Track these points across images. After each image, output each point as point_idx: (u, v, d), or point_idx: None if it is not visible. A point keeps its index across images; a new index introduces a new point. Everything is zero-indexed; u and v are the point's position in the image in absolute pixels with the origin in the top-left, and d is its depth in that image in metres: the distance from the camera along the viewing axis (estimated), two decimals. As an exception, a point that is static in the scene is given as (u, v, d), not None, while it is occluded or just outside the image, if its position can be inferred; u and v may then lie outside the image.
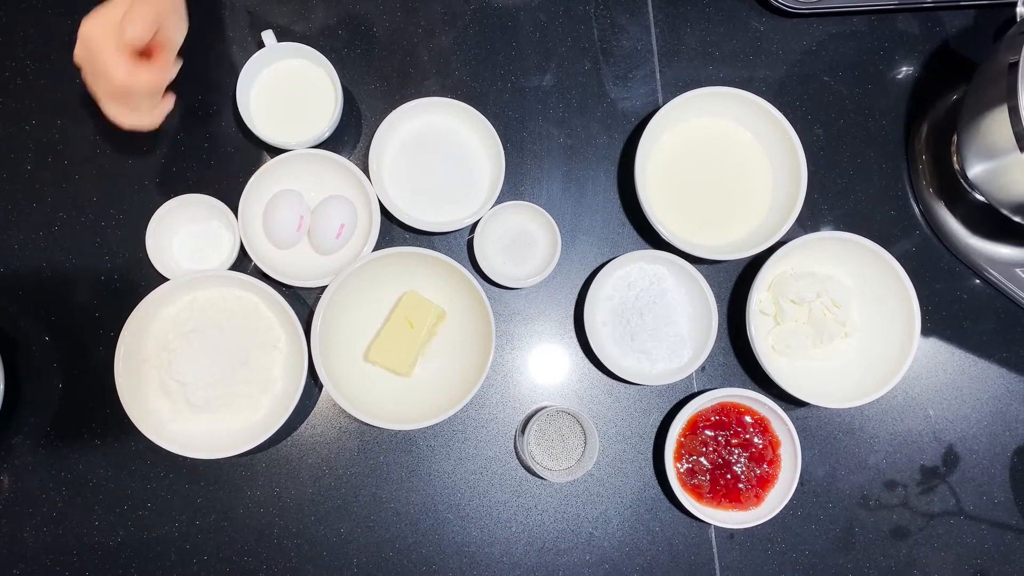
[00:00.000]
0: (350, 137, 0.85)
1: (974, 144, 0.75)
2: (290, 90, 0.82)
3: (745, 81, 0.88)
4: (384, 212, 0.81)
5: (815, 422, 0.84)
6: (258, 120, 0.81)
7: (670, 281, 0.83)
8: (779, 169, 0.84)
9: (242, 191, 0.79)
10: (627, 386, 0.84)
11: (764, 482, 0.80)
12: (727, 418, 0.80)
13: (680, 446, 0.80)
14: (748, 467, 0.80)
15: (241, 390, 0.77)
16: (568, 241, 0.85)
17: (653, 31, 0.89)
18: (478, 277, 0.81)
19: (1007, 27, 0.74)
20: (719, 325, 0.83)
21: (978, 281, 0.87)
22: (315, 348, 0.74)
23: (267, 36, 0.81)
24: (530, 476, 0.82)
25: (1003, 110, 0.69)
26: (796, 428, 0.79)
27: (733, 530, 0.82)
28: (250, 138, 0.84)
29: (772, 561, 0.82)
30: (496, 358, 0.83)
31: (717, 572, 0.82)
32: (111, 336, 0.76)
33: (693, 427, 0.80)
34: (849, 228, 0.85)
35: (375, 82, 0.86)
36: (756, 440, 0.80)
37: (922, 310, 0.80)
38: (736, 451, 0.80)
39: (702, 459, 0.80)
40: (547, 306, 0.84)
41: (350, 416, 0.77)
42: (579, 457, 0.79)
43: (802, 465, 0.81)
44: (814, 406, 0.83)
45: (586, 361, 0.84)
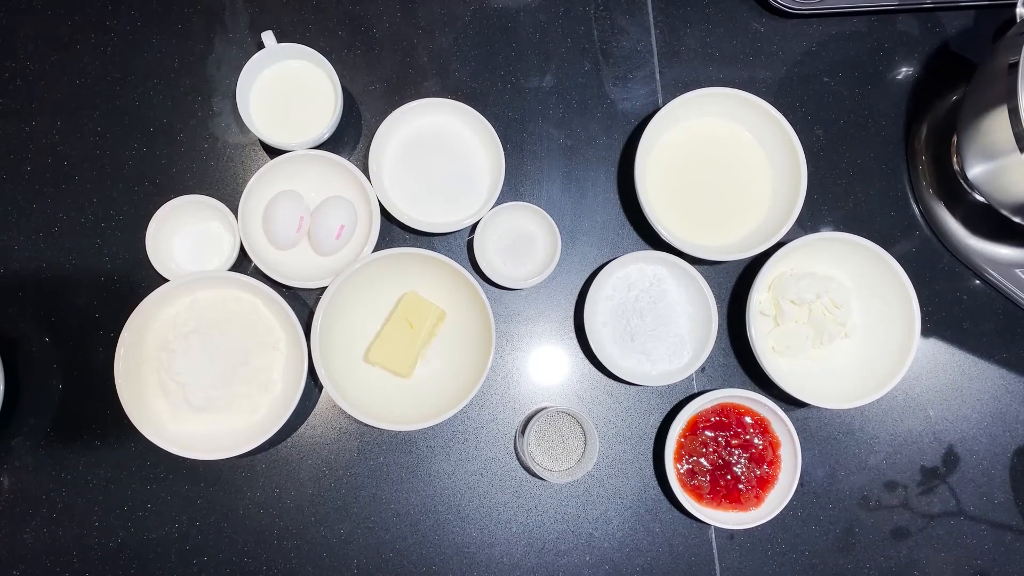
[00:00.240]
0: (350, 138, 0.85)
1: (974, 145, 0.75)
2: (290, 91, 0.82)
3: (745, 82, 0.88)
4: (384, 213, 0.81)
5: (815, 423, 0.84)
6: (258, 121, 0.81)
7: (670, 282, 0.83)
8: (779, 170, 0.84)
9: (242, 192, 0.79)
10: (627, 387, 0.83)
11: (764, 483, 0.80)
12: (727, 419, 0.80)
13: (680, 447, 0.80)
14: (748, 468, 0.80)
15: (241, 391, 0.77)
16: (568, 242, 0.85)
17: (653, 32, 0.89)
18: (478, 278, 0.81)
19: (1007, 28, 0.74)
20: (719, 326, 0.83)
21: (978, 282, 0.87)
22: (315, 349, 0.74)
23: (267, 37, 0.81)
24: (530, 477, 0.82)
25: (1003, 111, 0.69)
26: (796, 429, 0.79)
27: (733, 531, 0.82)
28: (250, 139, 0.84)
29: (772, 562, 0.82)
30: (496, 359, 0.83)
31: (717, 573, 0.82)
32: (111, 337, 0.76)
33: (693, 428, 0.80)
34: (849, 229, 0.85)
35: (375, 83, 0.86)
36: (756, 441, 0.80)
37: (922, 311, 0.80)
38: (736, 452, 0.80)
39: (702, 460, 0.80)
40: (547, 307, 0.84)
41: (350, 417, 0.77)
42: (579, 458, 0.79)
43: (802, 466, 0.81)
44: (814, 407, 0.83)
45: (586, 362, 0.84)
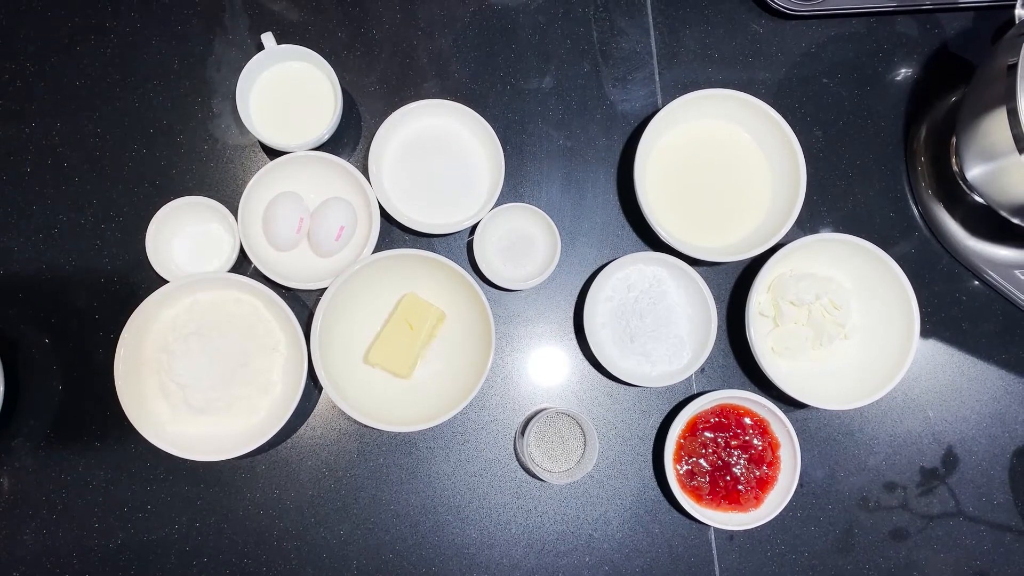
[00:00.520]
0: (350, 139, 0.85)
1: (973, 146, 0.75)
2: (290, 92, 0.82)
3: (744, 83, 0.88)
4: (384, 214, 0.81)
5: (814, 424, 0.84)
6: (258, 122, 0.81)
7: (670, 283, 0.83)
8: (778, 171, 0.84)
9: (242, 193, 0.79)
10: (627, 388, 0.84)
11: (764, 484, 0.80)
12: (727, 420, 0.81)
13: (680, 448, 0.80)
14: (748, 469, 0.80)
15: (241, 392, 0.77)
16: (568, 243, 0.85)
17: (652, 33, 0.89)
18: (478, 279, 0.81)
19: (1006, 29, 0.74)
20: (718, 327, 0.83)
21: (977, 283, 0.87)
22: (315, 350, 0.74)
23: (267, 38, 0.81)
24: (530, 478, 0.82)
25: (1002, 112, 0.69)
26: (796, 430, 0.79)
27: (733, 532, 0.82)
28: (250, 140, 0.84)
29: (772, 563, 0.82)
30: (496, 360, 0.83)
31: (717, 574, 0.82)
32: (111, 338, 0.76)
33: (693, 429, 0.80)
34: (848, 230, 0.85)
35: (375, 84, 0.86)
36: (756, 442, 0.80)
37: (921, 312, 0.80)
38: (736, 453, 0.80)
39: (702, 461, 0.80)
40: (547, 308, 0.84)
41: (350, 418, 0.77)
42: (579, 459, 0.79)
43: (801, 467, 0.81)
44: (813, 408, 0.83)
45: (586, 363, 0.84)
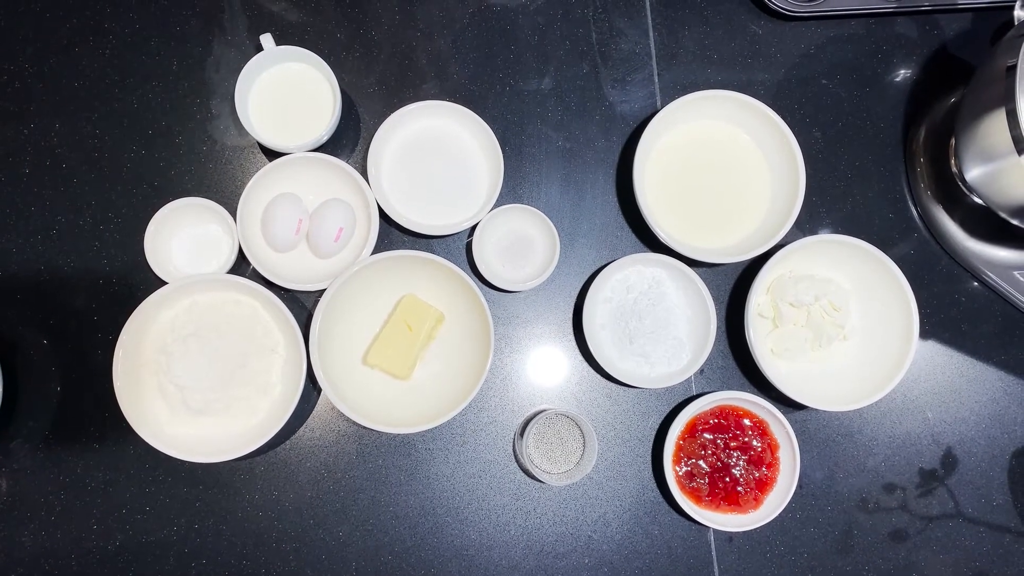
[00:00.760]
0: (348, 140, 0.85)
1: (972, 147, 0.75)
2: (289, 93, 0.82)
3: (743, 84, 0.88)
4: (383, 215, 0.81)
5: (814, 425, 0.84)
6: (257, 123, 0.81)
7: (669, 284, 0.83)
8: (777, 172, 0.84)
9: (241, 194, 0.79)
10: (626, 389, 0.83)
11: (763, 485, 0.80)
12: (726, 421, 0.80)
13: (679, 449, 0.80)
14: (747, 470, 0.80)
15: (239, 394, 0.77)
16: (567, 244, 0.85)
17: (651, 34, 0.89)
18: (477, 280, 0.81)
19: (1005, 30, 0.74)
20: (718, 328, 0.83)
21: (976, 284, 0.87)
22: (314, 352, 0.74)
23: (266, 39, 0.81)
24: (529, 479, 0.82)
25: (1001, 113, 0.69)
26: (795, 431, 0.79)
27: (732, 533, 0.82)
28: (248, 141, 0.84)
29: (771, 564, 0.82)
30: (495, 361, 0.83)
31: (716, 575, 0.82)
32: (109, 339, 0.76)
33: (692, 430, 0.80)
34: (847, 231, 0.85)
35: (373, 85, 0.86)
36: (755, 443, 0.80)
37: (920, 313, 0.80)
38: (735, 454, 0.80)
39: (701, 462, 0.80)
40: (546, 309, 0.84)
41: (349, 419, 0.77)
42: (578, 460, 0.79)
43: (801, 468, 0.81)
44: (813, 409, 0.83)
45: (585, 364, 0.84)
